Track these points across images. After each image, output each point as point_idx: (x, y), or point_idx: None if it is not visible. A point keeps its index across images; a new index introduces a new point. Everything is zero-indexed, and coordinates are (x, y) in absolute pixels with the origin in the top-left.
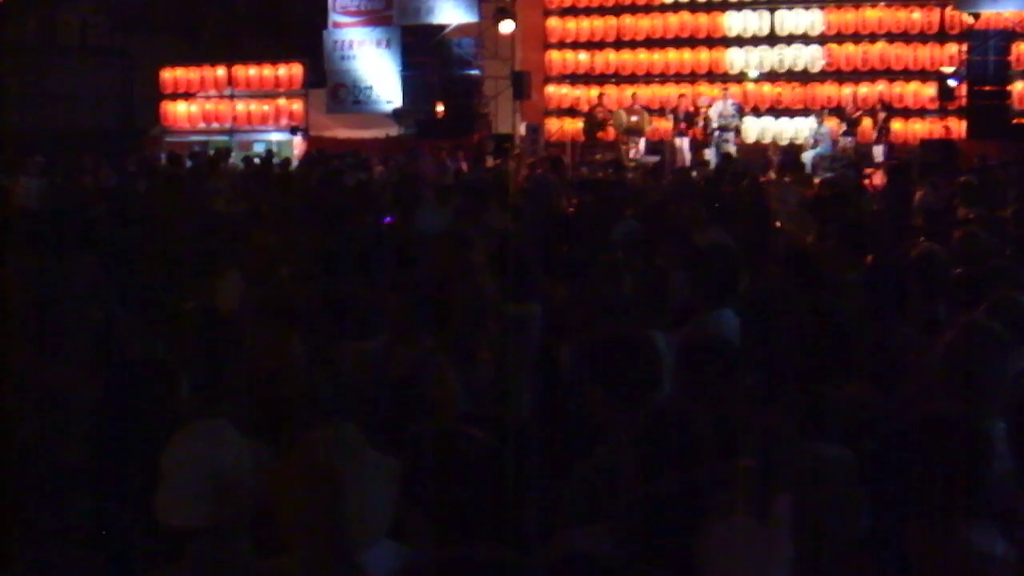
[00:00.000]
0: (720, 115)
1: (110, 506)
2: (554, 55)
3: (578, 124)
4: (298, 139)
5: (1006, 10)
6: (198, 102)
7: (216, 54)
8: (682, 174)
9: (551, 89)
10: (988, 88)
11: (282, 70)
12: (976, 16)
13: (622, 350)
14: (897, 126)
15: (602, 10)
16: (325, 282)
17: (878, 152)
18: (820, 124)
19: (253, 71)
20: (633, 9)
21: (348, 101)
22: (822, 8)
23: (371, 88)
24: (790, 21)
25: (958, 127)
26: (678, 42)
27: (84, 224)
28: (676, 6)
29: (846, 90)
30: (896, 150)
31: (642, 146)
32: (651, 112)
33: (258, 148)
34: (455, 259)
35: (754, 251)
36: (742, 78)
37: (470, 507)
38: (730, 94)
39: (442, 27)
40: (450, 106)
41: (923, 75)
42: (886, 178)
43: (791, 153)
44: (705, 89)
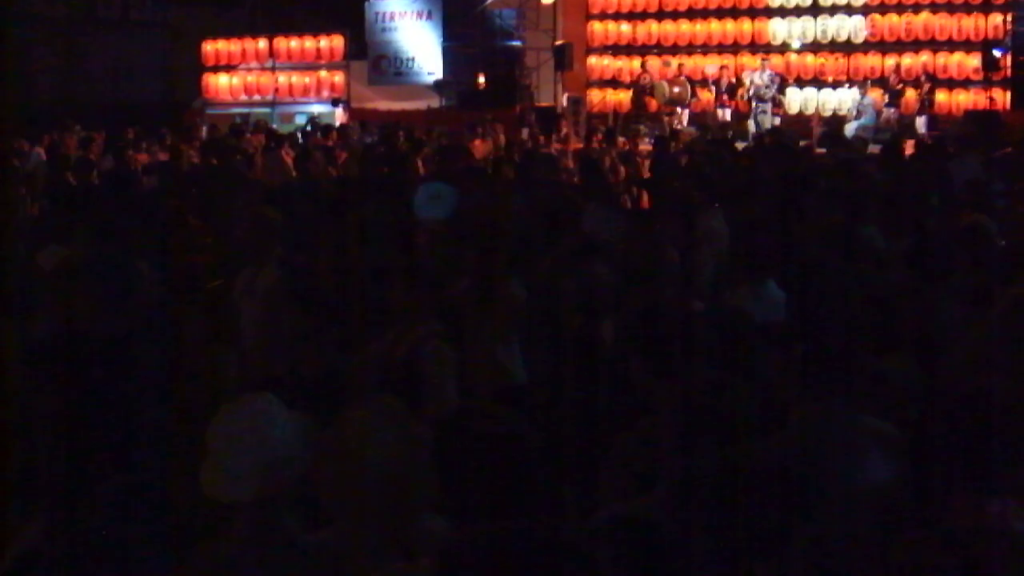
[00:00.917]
0: (755, 85)
1: (156, 480)
2: (596, 26)
3: (620, 95)
4: (339, 111)
5: None
6: (240, 74)
7: (258, 26)
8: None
9: (593, 60)
10: None
11: (323, 42)
12: None
13: (662, 319)
14: (941, 97)
15: None
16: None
17: (921, 123)
18: (863, 95)
19: (295, 43)
20: None
21: (389, 73)
22: None
23: (412, 60)
24: None
25: (1003, 98)
26: (720, 12)
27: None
28: None
29: (889, 61)
30: (940, 121)
31: (685, 117)
32: (693, 83)
33: (299, 120)
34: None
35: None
36: (785, 49)
37: (492, 488)
38: (769, 64)
39: None
40: (491, 78)
41: (967, 45)
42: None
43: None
44: (748, 60)
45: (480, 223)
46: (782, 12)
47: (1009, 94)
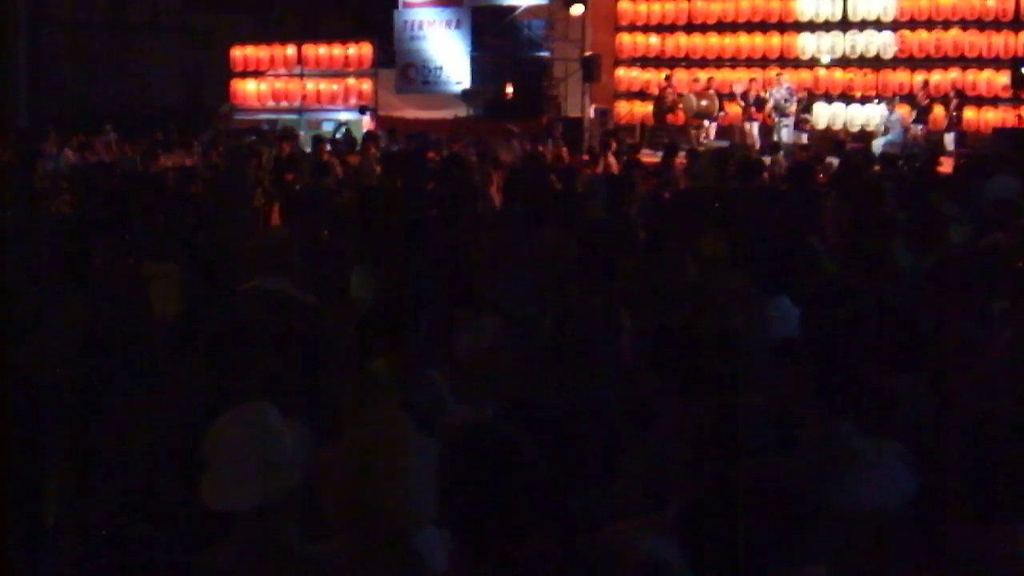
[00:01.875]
0: (775, 99)
1: (158, 487)
2: (624, 38)
3: (647, 107)
4: (367, 118)
5: None
6: (268, 80)
7: (286, 33)
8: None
9: (621, 72)
10: None
11: (352, 49)
12: None
13: (680, 338)
14: (969, 114)
15: None
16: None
17: (949, 140)
18: (891, 111)
19: (323, 50)
20: None
21: (417, 81)
22: None
23: (440, 68)
24: (863, 6)
25: None
26: (749, 26)
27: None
28: None
29: (918, 77)
30: (968, 139)
31: (712, 131)
32: (721, 96)
33: (327, 127)
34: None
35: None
36: (813, 63)
37: (493, 503)
38: (784, 79)
39: (512, 8)
40: (519, 88)
41: (997, 63)
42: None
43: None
44: (772, 74)
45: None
46: (811, 27)
47: None
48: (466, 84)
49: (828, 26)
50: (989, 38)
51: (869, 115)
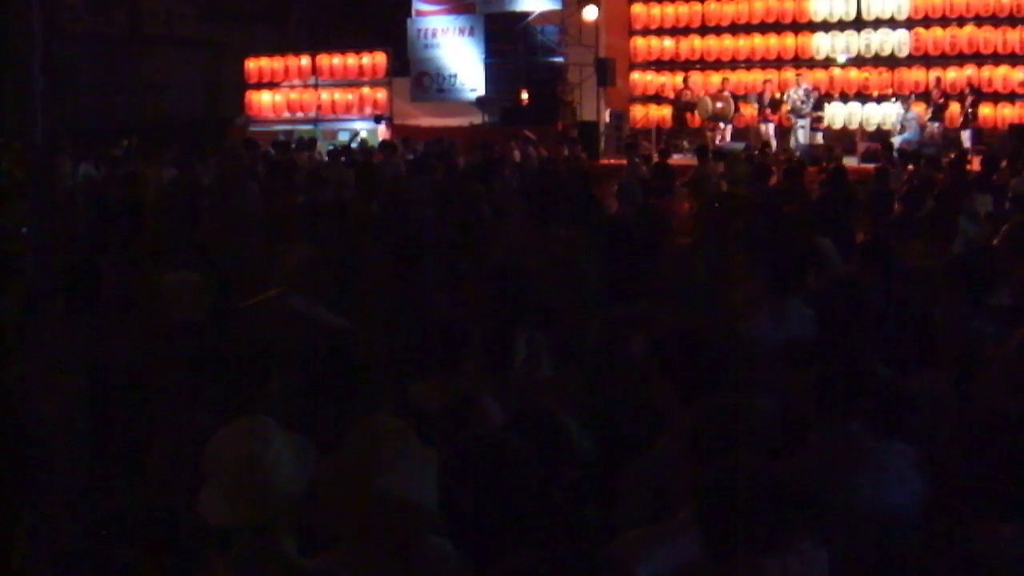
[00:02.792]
0: (792, 101)
1: (157, 503)
2: (639, 41)
3: (663, 111)
4: (382, 127)
5: None
6: (283, 91)
7: (300, 43)
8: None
9: (636, 76)
10: None
11: (366, 59)
12: None
13: (694, 342)
14: (986, 111)
15: None
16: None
17: (966, 137)
18: (907, 109)
19: (337, 60)
20: None
21: (432, 89)
22: None
23: (455, 76)
24: (876, 5)
25: None
26: (763, 27)
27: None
28: None
29: (933, 74)
30: (984, 135)
31: (728, 132)
32: (737, 98)
33: (343, 137)
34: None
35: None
36: (829, 63)
37: (500, 513)
38: (805, 79)
39: (525, 14)
40: (534, 94)
41: (1012, 59)
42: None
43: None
44: (791, 75)
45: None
46: (826, 26)
47: None
48: (481, 91)
49: (842, 25)
50: (1004, 34)
51: (885, 114)
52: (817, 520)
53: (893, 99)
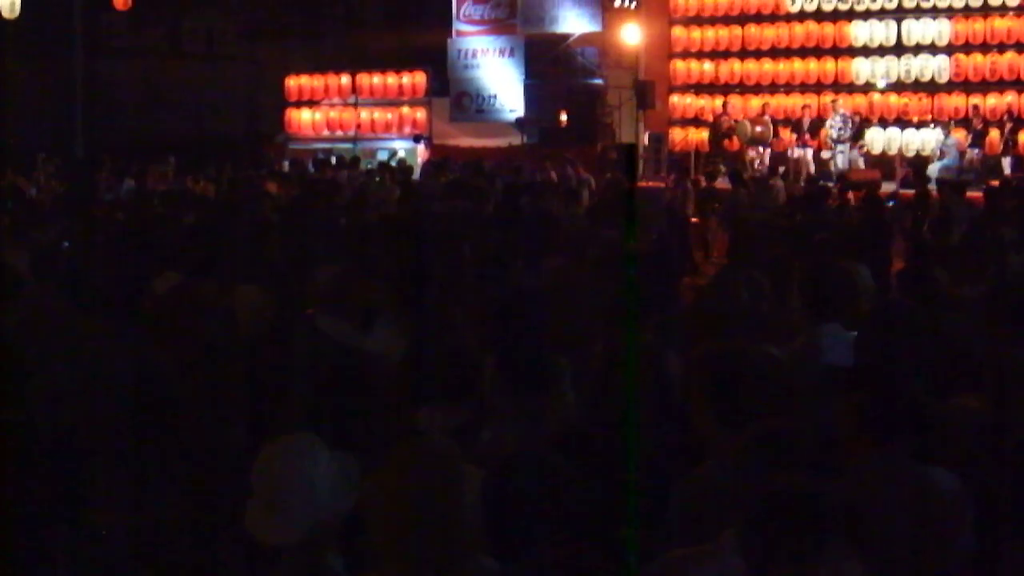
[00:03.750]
0: (831, 128)
1: (203, 520)
2: (678, 64)
3: (702, 134)
4: (421, 147)
5: None
6: (322, 110)
7: (341, 62)
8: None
9: (675, 99)
10: None
11: (406, 78)
12: None
13: (737, 366)
14: None
15: (727, 19)
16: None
17: (1006, 164)
18: (947, 135)
19: (377, 79)
20: (758, 18)
21: (471, 110)
22: (950, 18)
23: (494, 97)
24: (917, 31)
25: None
26: (803, 52)
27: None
28: (802, 15)
29: (974, 101)
30: None
31: (767, 156)
32: (776, 123)
33: (381, 156)
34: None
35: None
36: (868, 88)
37: (542, 533)
38: (838, 105)
39: (566, 36)
40: (573, 115)
41: None
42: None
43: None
44: (827, 100)
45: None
46: (866, 52)
47: None
48: (520, 112)
49: (883, 51)
50: None
51: (924, 139)
52: (857, 537)
53: (932, 125)
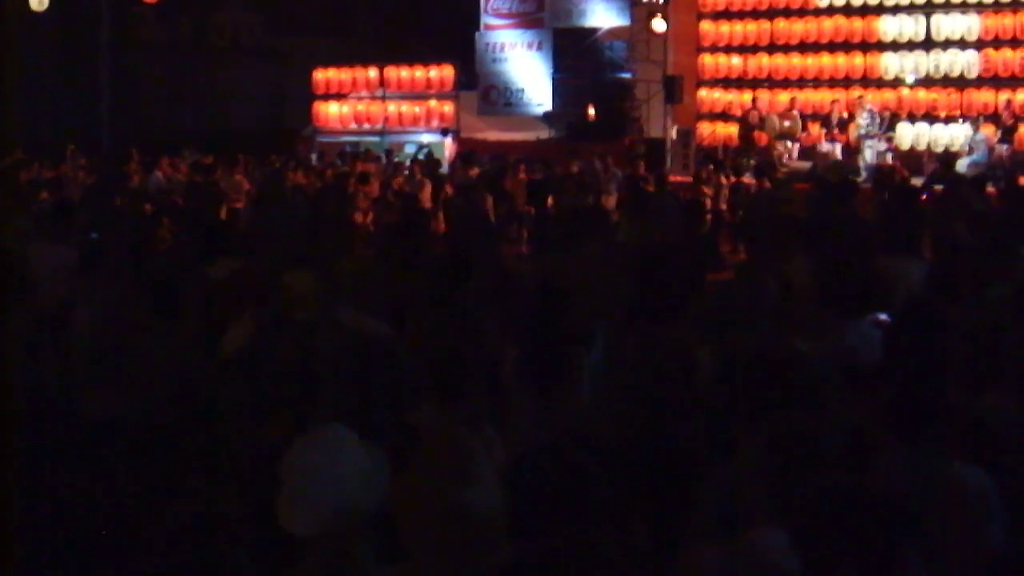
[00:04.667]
0: (860, 126)
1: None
2: (707, 59)
3: (730, 129)
4: (449, 140)
5: None
6: (350, 103)
7: (368, 55)
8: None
9: (703, 93)
10: None
11: (433, 72)
12: None
13: (768, 363)
14: None
15: (755, 13)
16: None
17: None
18: (976, 131)
19: (405, 72)
20: (787, 13)
21: (499, 103)
22: (979, 12)
23: (522, 91)
24: (946, 25)
25: None
26: (832, 46)
27: None
28: (831, 10)
29: (1003, 96)
30: None
31: (795, 151)
32: (804, 117)
33: (409, 149)
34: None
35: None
36: (897, 83)
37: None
38: (866, 101)
39: (594, 30)
40: (601, 109)
41: None
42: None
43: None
44: (856, 95)
45: None
46: (895, 46)
47: None
48: (548, 106)
49: (911, 45)
50: None
51: (953, 135)
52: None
53: (961, 120)
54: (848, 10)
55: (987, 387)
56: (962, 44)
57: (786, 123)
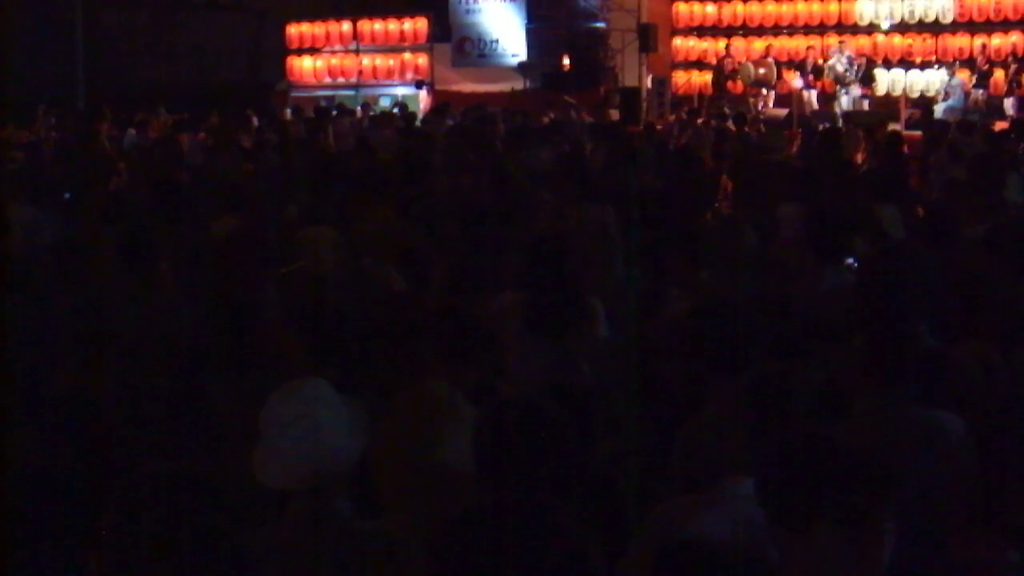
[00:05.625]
0: (834, 69)
1: (204, 464)
2: (681, 7)
3: (705, 77)
4: (423, 93)
5: None
6: (324, 57)
7: (342, 8)
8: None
9: (678, 41)
10: None
11: (407, 24)
12: None
13: (733, 313)
14: None
15: None
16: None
17: (1010, 105)
18: (951, 76)
19: (378, 25)
20: None
21: (473, 55)
22: None
23: (496, 42)
24: None
25: None
26: None
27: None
28: None
29: (978, 41)
30: None
31: (771, 99)
32: (780, 64)
33: (384, 103)
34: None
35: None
36: (872, 29)
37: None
38: (845, 46)
39: None
40: (576, 59)
41: None
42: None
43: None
44: (834, 41)
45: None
46: None
47: None
48: (522, 56)
49: None
50: None
51: (929, 80)
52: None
53: (937, 66)
54: None
55: (967, 334)
56: None
57: (761, 71)
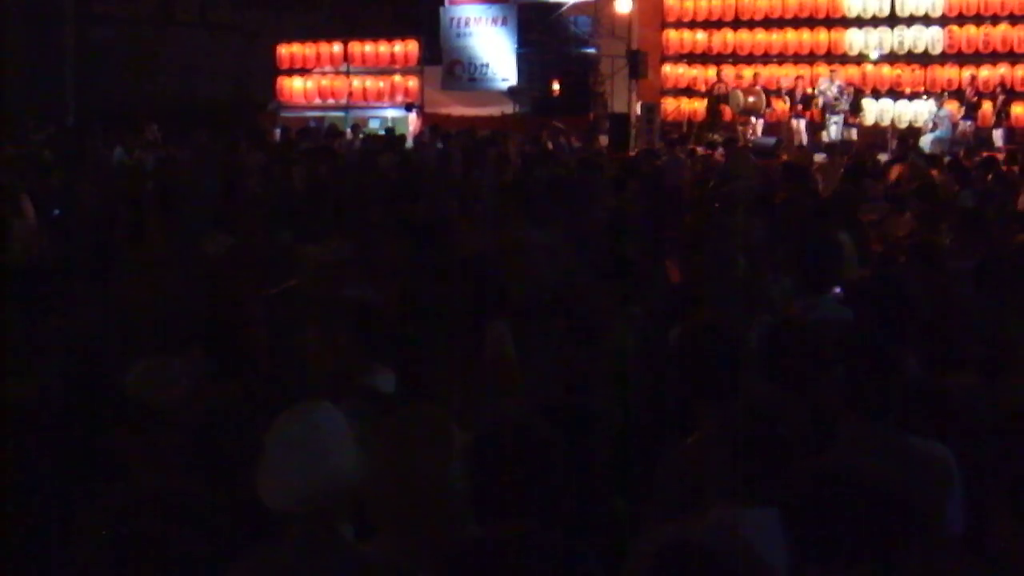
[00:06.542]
0: (825, 97)
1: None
2: (671, 34)
3: (694, 104)
4: (413, 116)
5: None
6: (314, 78)
7: (333, 30)
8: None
9: (668, 68)
10: None
11: (398, 47)
12: None
13: (709, 340)
14: (1018, 110)
15: None
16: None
17: (998, 136)
18: (939, 107)
19: (369, 47)
20: None
21: (463, 78)
22: None
23: (487, 66)
24: (911, 2)
25: None
26: (797, 22)
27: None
28: None
29: (966, 73)
30: (1016, 135)
31: (759, 127)
32: (768, 93)
33: (373, 124)
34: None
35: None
36: (861, 59)
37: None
38: (836, 75)
39: (559, 5)
40: (565, 84)
41: None
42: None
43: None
44: (823, 70)
45: None
46: (859, 22)
47: None
48: (513, 81)
49: (876, 21)
50: None
51: (917, 111)
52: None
53: (925, 97)
54: None
55: (955, 365)
56: (926, 20)
57: (750, 99)
